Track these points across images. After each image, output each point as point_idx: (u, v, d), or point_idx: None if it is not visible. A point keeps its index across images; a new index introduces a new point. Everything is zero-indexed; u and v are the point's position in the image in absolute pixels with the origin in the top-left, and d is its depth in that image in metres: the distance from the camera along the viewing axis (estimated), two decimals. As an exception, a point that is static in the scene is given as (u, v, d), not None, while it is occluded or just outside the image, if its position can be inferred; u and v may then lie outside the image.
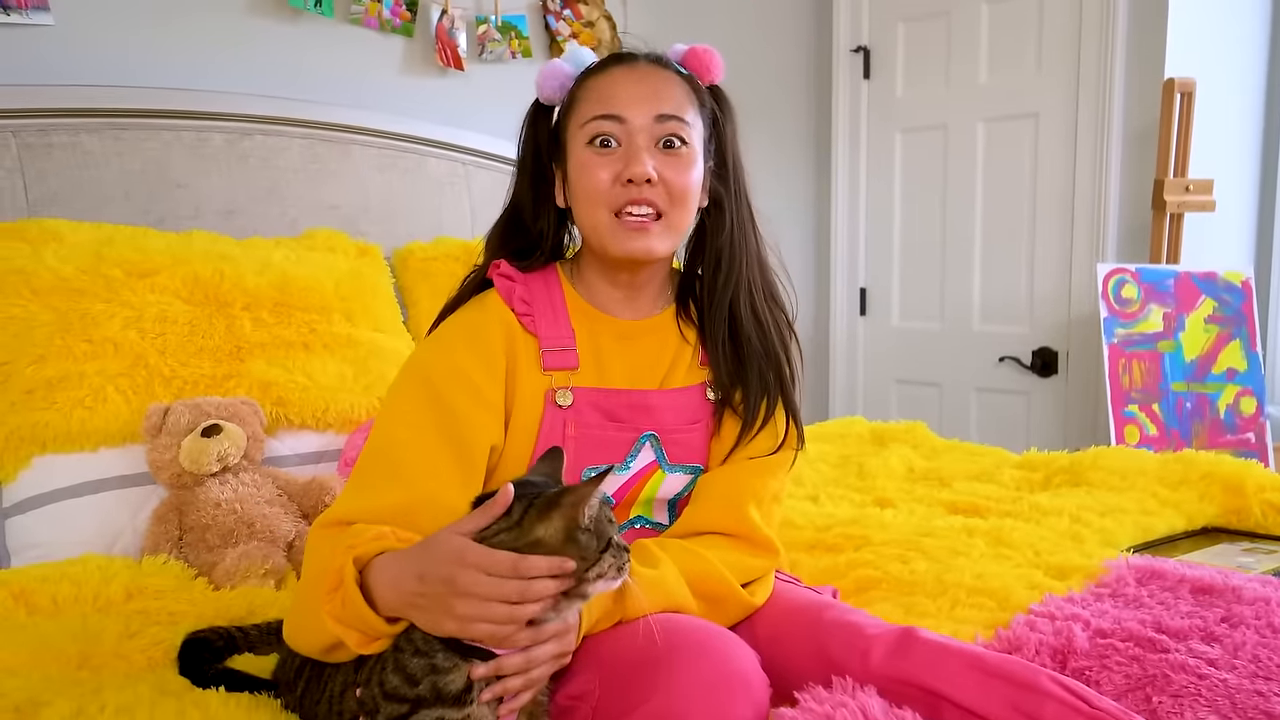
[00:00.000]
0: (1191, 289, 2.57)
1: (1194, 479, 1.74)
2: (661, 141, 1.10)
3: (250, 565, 1.41)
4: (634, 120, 1.09)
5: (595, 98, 1.11)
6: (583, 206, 1.12)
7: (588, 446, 1.12)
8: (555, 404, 1.11)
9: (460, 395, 1.07)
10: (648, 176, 1.07)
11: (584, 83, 1.14)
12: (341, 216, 2.18)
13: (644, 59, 1.15)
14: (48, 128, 1.84)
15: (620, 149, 1.09)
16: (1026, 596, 1.25)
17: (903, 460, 2.02)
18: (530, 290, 1.15)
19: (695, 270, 1.21)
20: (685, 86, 1.14)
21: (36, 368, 1.53)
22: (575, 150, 1.12)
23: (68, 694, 0.97)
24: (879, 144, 3.25)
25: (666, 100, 1.10)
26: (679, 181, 1.10)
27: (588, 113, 1.10)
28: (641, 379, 1.17)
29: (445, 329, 1.15)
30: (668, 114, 1.10)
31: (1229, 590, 1.22)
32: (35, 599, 1.28)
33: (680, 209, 1.12)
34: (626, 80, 1.11)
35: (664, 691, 0.88)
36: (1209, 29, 2.70)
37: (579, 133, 1.11)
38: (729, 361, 1.16)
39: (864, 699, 0.91)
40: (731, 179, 1.17)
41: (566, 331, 1.14)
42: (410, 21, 2.43)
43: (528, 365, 1.12)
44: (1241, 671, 1.02)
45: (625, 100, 1.09)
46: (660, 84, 1.12)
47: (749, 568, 1.14)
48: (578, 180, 1.11)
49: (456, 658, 0.87)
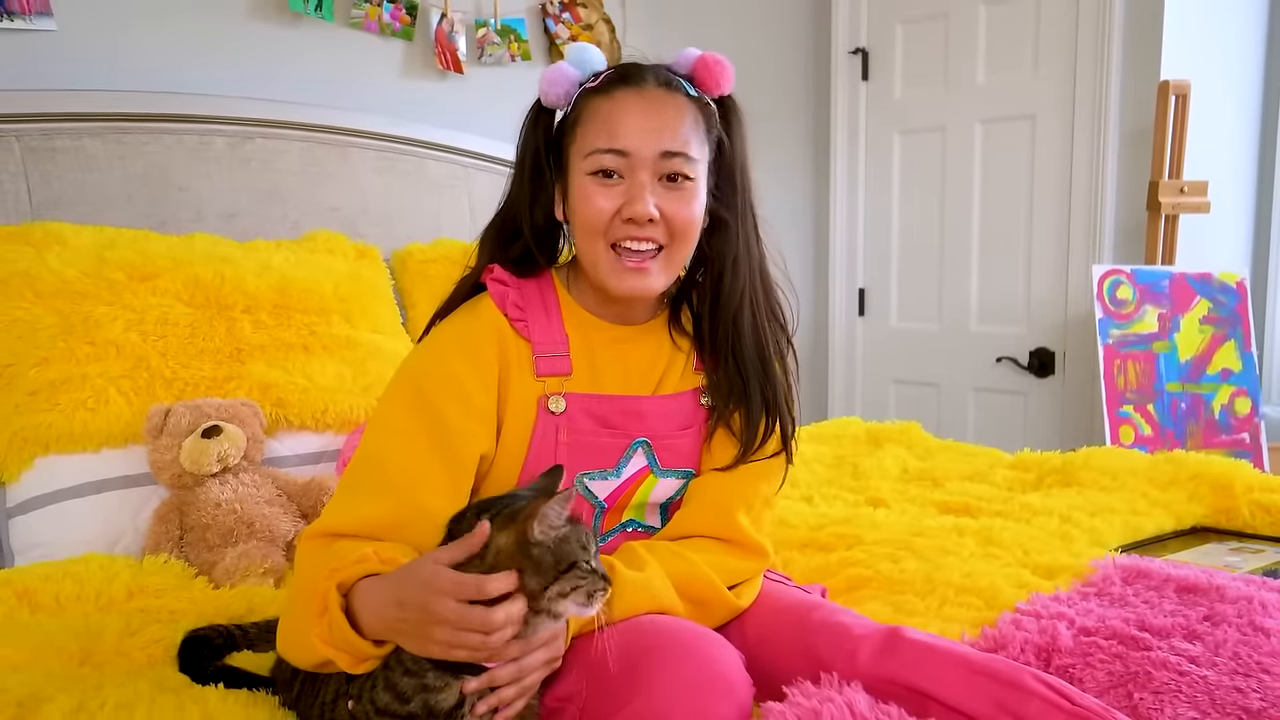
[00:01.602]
0: (1186, 290, 2.59)
1: (1183, 479, 1.76)
2: (665, 175, 1.08)
3: (250, 564, 1.43)
4: (638, 154, 1.07)
5: (600, 126, 1.08)
6: (581, 233, 1.11)
7: (580, 452, 1.13)
8: (548, 410, 1.11)
9: (451, 404, 1.07)
10: (649, 216, 1.06)
11: (589, 101, 1.10)
12: (341, 219, 2.20)
13: (652, 80, 1.10)
14: (51, 131, 1.86)
15: (622, 183, 1.07)
16: (1014, 595, 1.26)
17: (897, 461, 2.04)
18: (524, 295, 1.14)
19: (693, 277, 1.20)
20: (694, 111, 1.11)
21: (40, 370, 1.55)
22: (576, 175, 1.10)
23: (69, 690, 0.98)
24: (877, 145, 3.26)
25: (673, 134, 1.08)
26: (680, 217, 1.09)
27: (591, 142, 1.08)
28: (635, 385, 1.17)
29: (438, 335, 1.15)
30: (673, 150, 1.07)
31: (1213, 589, 1.24)
32: (38, 597, 1.30)
33: (680, 243, 1.11)
34: (633, 110, 1.08)
35: (647, 692, 0.89)
36: (1205, 31, 2.71)
37: (581, 160, 1.09)
38: (728, 379, 1.16)
39: (850, 694, 0.93)
40: (739, 193, 1.15)
41: (560, 337, 1.14)
42: (410, 25, 2.44)
43: (520, 371, 1.12)
44: (1222, 668, 1.04)
45: (630, 133, 1.07)
46: (668, 114, 1.08)
47: (737, 570, 1.15)
48: (577, 206, 1.10)
49: (448, 676, 0.88)
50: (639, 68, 1.12)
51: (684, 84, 1.12)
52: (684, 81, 1.12)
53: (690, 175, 1.09)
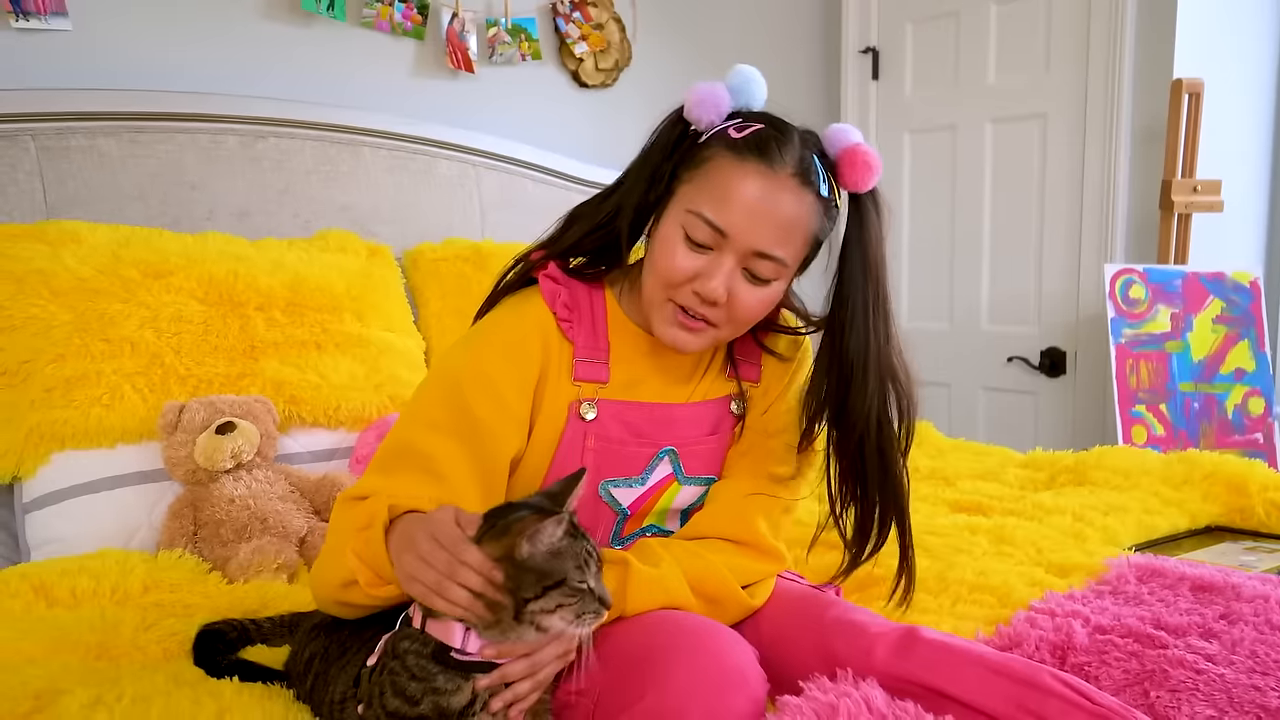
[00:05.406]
0: (1199, 289, 2.58)
1: (1197, 479, 1.75)
2: (749, 268, 1.06)
3: (263, 560, 1.43)
4: (735, 240, 1.03)
5: (715, 190, 1.04)
6: (650, 272, 1.09)
7: (607, 459, 1.13)
8: (579, 416, 1.12)
9: (486, 405, 1.07)
10: (716, 299, 1.05)
11: (720, 150, 1.05)
12: (353, 218, 2.21)
13: (790, 166, 1.03)
14: (66, 131, 1.87)
15: (709, 255, 1.05)
16: (1028, 594, 1.26)
17: (908, 459, 2.03)
18: (574, 297, 1.14)
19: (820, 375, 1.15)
20: (815, 213, 1.06)
21: (56, 366, 1.56)
22: (673, 217, 1.07)
23: (86, 682, 0.99)
24: (888, 144, 3.25)
25: (779, 235, 1.04)
26: (746, 307, 1.07)
27: (700, 200, 1.04)
28: (671, 393, 1.17)
29: (483, 329, 1.14)
30: (769, 254, 1.04)
31: (1229, 588, 1.23)
32: (55, 592, 1.31)
33: (735, 327, 1.10)
34: (754, 192, 1.02)
35: (661, 687, 0.89)
36: (1218, 29, 2.70)
37: (683, 209, 1.06)
38: (848, 479, 1.14)
39: (867, 690, 0.93)
40: (872, 292, 1.09)
41: (603, 344, 1.14)
42: (421, 24, 2.45)
43: (559, 373, 1.12)
44: (1239, 667, 1.04)
45: (739, 216, 1.03)
46: (785, 212, 1.04)
47: (752, 571, 1.15)
48: (659, 249, 1.08)
49: (458, 679, 0.88)
50: (783, 142, 1.05)
51: (819, 179, 1.05)
52: (820, 174, 1.06)
53: (775, 278, 1.07)
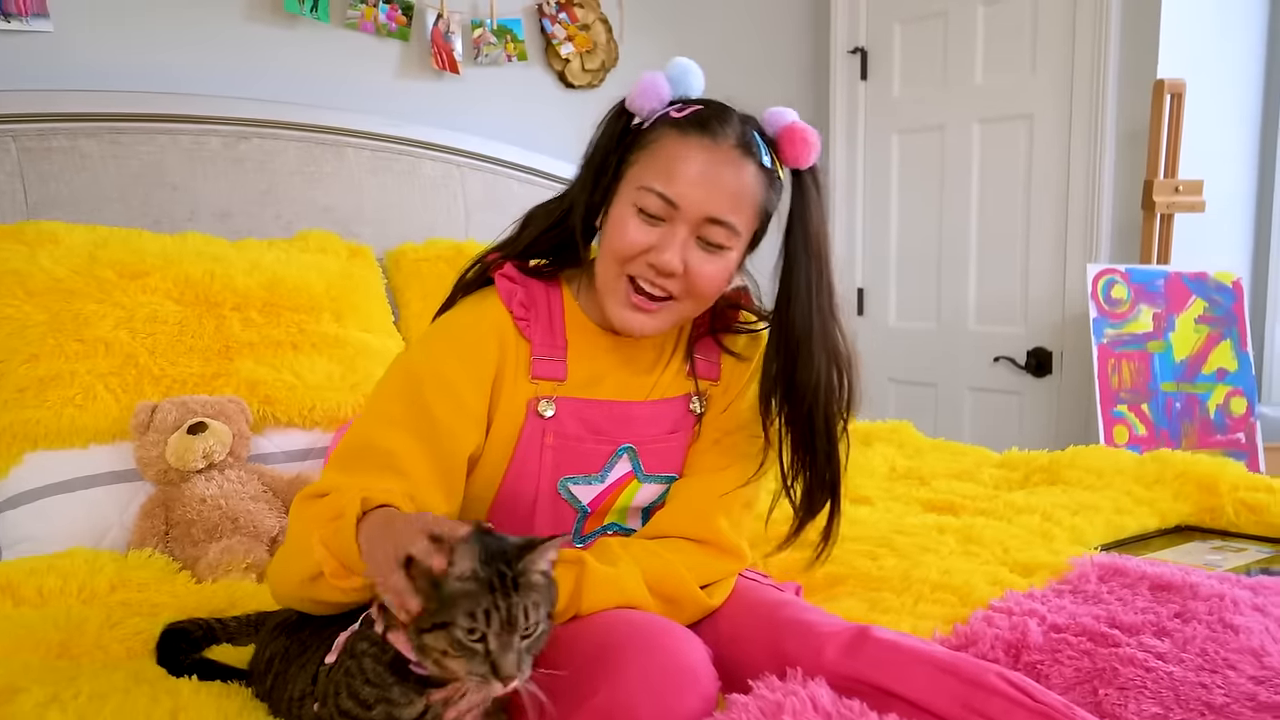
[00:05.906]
0: (1181, 289, 2.58)
1: (1169, 478, 1.75)
2: (703, 236, 1.07)
3: (233, 559, 1.44)
4: (686, 209, 1.06)
5: (662, 165, 1.07)
6: (606, 254, 1.10)
7: (565, 456, 1.14)
8: (537, 414, 1.13)
9: (443, 404, 1.07)
10: (674, 270, 1.07)
11: (665, 130, 1.08)
12: (336, 218, 2.21)
13: (731, 139, 1.07)
14: (47, 132, 1.88)
15: (662, 226, 1.07)
16: (988, 593, 1.26)
17: (885, 459, 2.04)
18: (530, 295, 1.15)
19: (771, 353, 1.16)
20: (758, 183, 1.09)
21: (29, 366, 1.57)
22: (624, 197, 1.09)
23: (44, 680, 1.00)
24: (876, 144, 3.26)
25: (727, 202, 1.06)
26: (703, 277, 1.08)
27: (649, 176, 1.07)
28: (631, 390, 1.18)
29: (440, 329, 1.15)
30: (719, 219, 1.06)
31: (1186, 586, 1.24)
32: (22, 590, 1.31)
33: (693, 300, 1.11)
34: (699, 163, 1.06)
35: (612, 684, 0.90)
36: (1202, 30, 2.70)
37: (633, 188, 1.08)
38: (799, 449, 1.15)
39: (814, 689, 0.93)
40: (815, 268, 1.12)
41: (560, 341, 1.15)
42: (406, 25, 2.46)
43: (516, 371, 1.13)
44: (1188, 664, 1.04)
45: (687, 186, 1.05)
46: (731, 179, 1.06)
47: (712, 569, 1.15)
48: (612, 229, 1.10)
49: (412, 693, 0.88)
50: (723, 118, 1.08)
51: (761, 151, 1.09)
52: (762, 147, 1.09)
53: (727, 245, 1.09)
